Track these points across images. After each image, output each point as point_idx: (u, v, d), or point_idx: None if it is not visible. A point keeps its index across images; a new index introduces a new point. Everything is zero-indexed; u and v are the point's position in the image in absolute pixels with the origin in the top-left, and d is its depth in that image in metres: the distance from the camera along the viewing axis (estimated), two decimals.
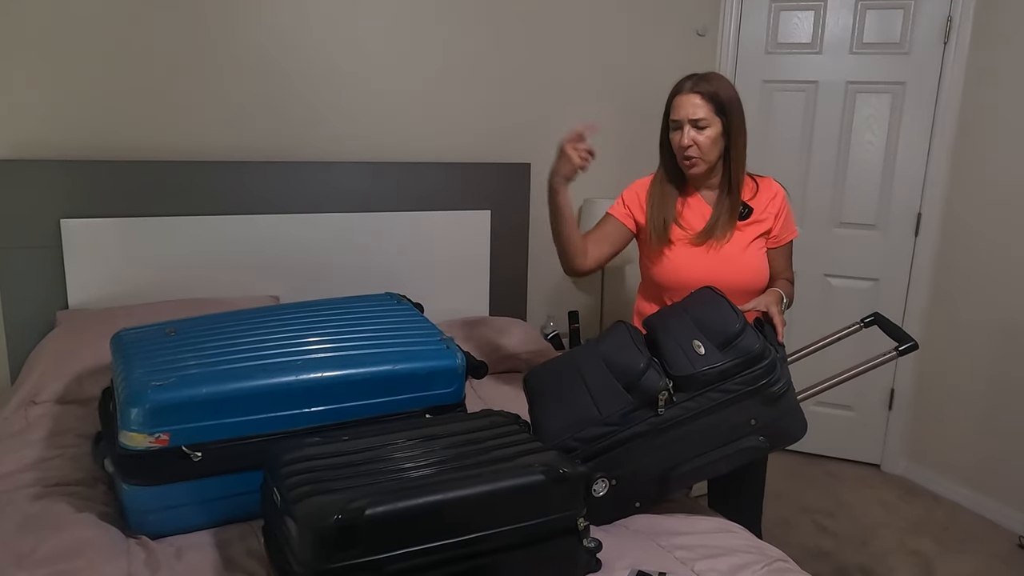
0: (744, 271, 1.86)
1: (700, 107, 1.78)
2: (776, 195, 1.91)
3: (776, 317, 1.71)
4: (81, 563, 1.30)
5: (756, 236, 1.88)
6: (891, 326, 1.85)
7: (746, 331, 1.49)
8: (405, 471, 1.27)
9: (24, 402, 1.91)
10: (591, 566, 1.36)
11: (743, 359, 1.47)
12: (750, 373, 1.47)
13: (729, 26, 3.18)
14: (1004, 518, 2.86)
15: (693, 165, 1.83)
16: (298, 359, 1.55)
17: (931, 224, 3.06)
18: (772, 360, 1.48)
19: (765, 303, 1.74)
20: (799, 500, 3.00)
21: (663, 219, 1.88)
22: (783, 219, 1.91)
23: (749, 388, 1.48)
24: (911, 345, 1.73)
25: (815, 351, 1.96)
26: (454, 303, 2.84)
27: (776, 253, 1.93)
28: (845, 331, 1.96)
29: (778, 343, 1.66)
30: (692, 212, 1.90)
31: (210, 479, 1.45)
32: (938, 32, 2.94)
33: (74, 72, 2.28)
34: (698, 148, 1.80)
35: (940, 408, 3.10)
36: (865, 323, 1.95)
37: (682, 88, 1.82)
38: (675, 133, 1.83)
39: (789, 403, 1.52)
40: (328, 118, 2.64)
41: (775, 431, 1.52)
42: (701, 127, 1.79)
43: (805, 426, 1.55)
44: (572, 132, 1.76)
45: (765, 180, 1.93)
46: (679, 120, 1.81)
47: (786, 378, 1.51)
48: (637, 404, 1.49)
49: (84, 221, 2.29)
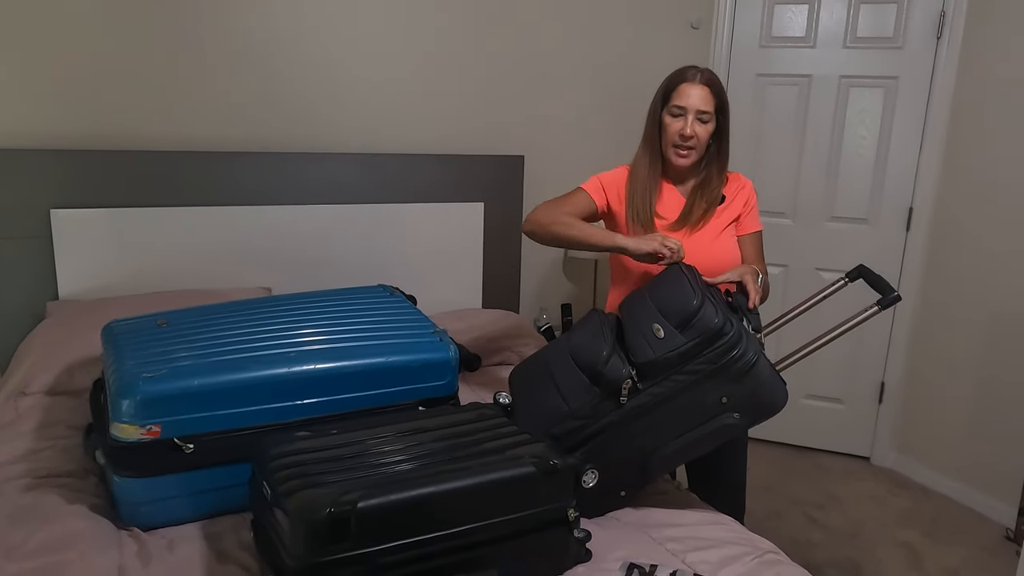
0: (719, 255, 1.85)
1: (708, 101, 1.78)
2: (744, 186, 1.93)
3: (750, 285, 1.68)
4: (72, 555, 1.29)
5: (728, 223, 1.89)
6: (875, 277, 1.80)
7: (704, 307, 1.46)
8: (395, 464, 1.27)
9: (14, 393, 1.90)
10: (582, 556, 1.37)
11: (702, 338, 1.45)
12: (712, 351, 1.45)
13: (723, 19, 3.18)
14: (992, 510, 2.88)
15: (686, 156, 1.82)
16: (291, 351, 1.54)
17: (922, 218, 3.07)
18: (734, 334, 1.45)
19: (739, 273, 1.72)
20: (789, 492, 3.02)
21: (648, 205, 1.85)
22: (751, 209, 1.92)
23: (714, 366, 1.46)
24: (893, 296, 1.67)
25: (801, 313, 1.91)
26: (447, 295, 2.84)
27: (744, 242, 1.91)
28: (830, 288, 1.91)
29: (750, 311, 1.63)
30: (666, 202, 1.89)
31: (202, 471, 1.44)
32: (931, 27, 2.95)
33: (65, 61, 2.26)
34: (697, 140, 1.80)
35: (930, 401, 3.12)
36: (850, 276, 1.90)
37: (689, 77, 1.80)
38: (676, 120, 1.81)
39: (761, 376, 1.47)
40: (321, 109, 2.63)
41: (750, 406, 1.49)
42: (704, 120, 1.79)
43: (785, 396, 1.50)
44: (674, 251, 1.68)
45: (734, 174, 1.94)
46: (684, 108, 1.79)
47: (754, 350, 1.47)
48: (604, 395, 1.49)
49: (74, 211, 2.27)
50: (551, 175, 3.05)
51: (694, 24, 3.17)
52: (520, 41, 2.89)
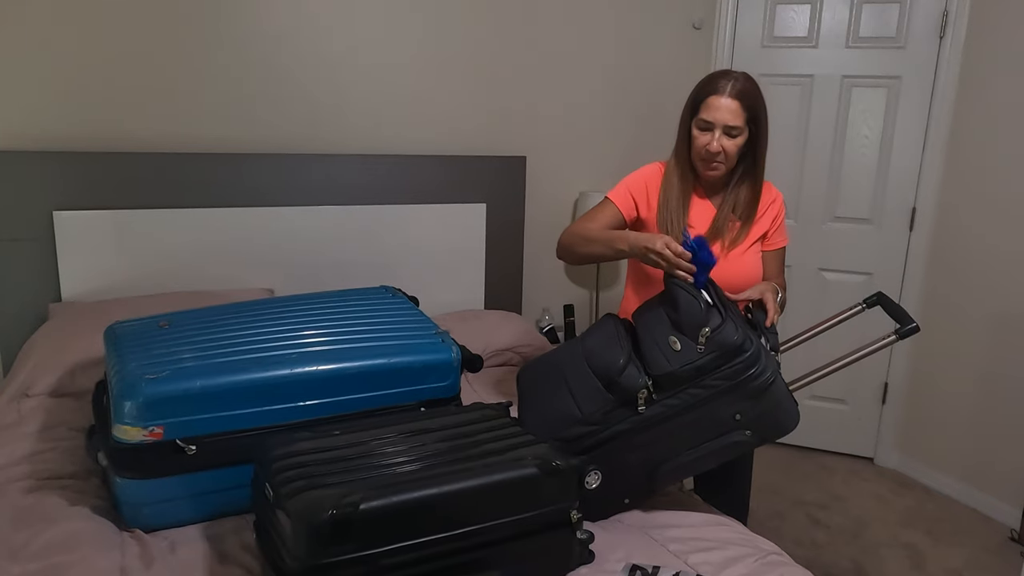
0: (743, 272, 1.83)
1: (738, 115, 1.70)
2: (775, 199, 1.88)
3: (770, 303, 1.66)
4: (75, 556, 1.29)
5: (756, 239, 1.86)
6: (894, 306, 1.76)
7: (725, 324, 1.45)
8: (397, 465, 1.27)
9: (17, 395, 1.91)
10: (584, 558, 1.37)
11: (721, 352, 1.44)
12: (731, 367, 1.44)
13: (725, 19, 3.18)
14: (996, 511, 2.87)
15: (715, 170, 1.77)
16: (293, 352, 1.54)
17: (925, 218, 3.06)
18: (754, 352, 1.44)
19: (760, 290, 1.69)
20: (793, 493, 3.01)
21: (680, 219, 1.80)
22: (779, 224, 1.89)
23: (731, 383, 1.44)
24: (912, 327, 1.63)
25: (815, 335, 1.88)
26: (449, 296, 2.83)
27: (768, 257, 1.89)
28: (846, 313, 1.87)
29: (768, 330, 1.61)
30: (695, 214, 1.85)
31: (204, 472, 1.44)
32: (934, 26, 2.94)
33: (68, 63, 2.27)
34: (725, 155, 1.74)
35: (933, 402, 3.12)
36: (868, 303, 1.86)
37: (720, 88, 1.71)
38: (704, 134, 1.74)
39: (776, 395, 1.47)
40: (324, 110, 2.63)
41: (762, 424, 1.48)
42: (733, 136, 1.72)
43: (797, 418, 1.49)
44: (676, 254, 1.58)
45: (765, 183, 1.88)
46: (711, 123, 1.72)
47: (772, 369, 1.46)
48: (618, 403, 1.48)
49: (77, 213, 2.27)
50: (553, 176, 3.05)
51: (696, 24, 3.17)
52: (523, 42, 2.89)
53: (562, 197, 3.10)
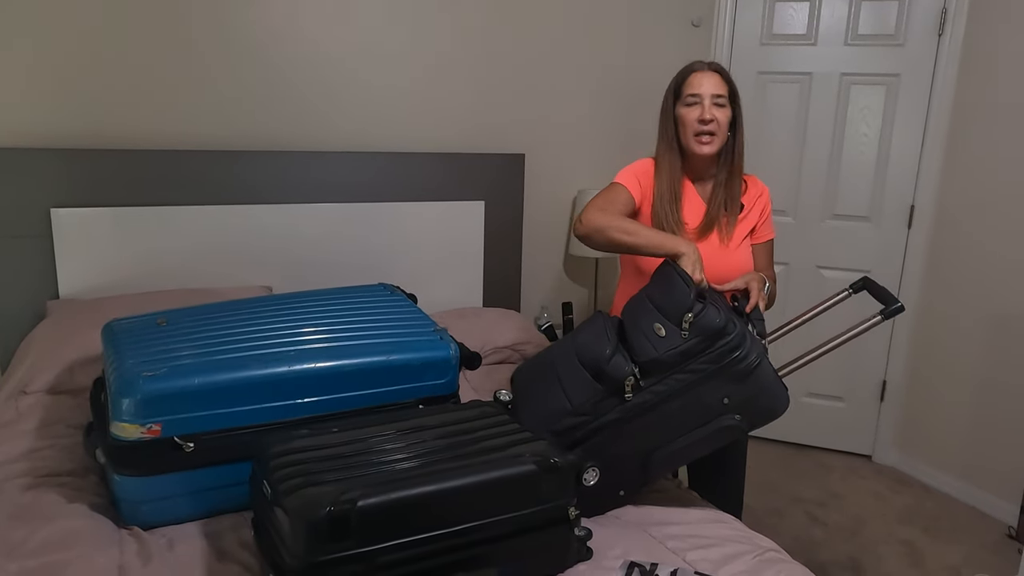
0: (735, 265, 1.85)
1: (721, 86, 1.79)
2: (762, 193, 1.92)
3: (754, 290, 1.69)
4: (73, 554, 1.29)
5: (745, 233, 1.89)
6: (879, 289, 1.80)
7: (706, 308, 1.47)
8: (395, 462, 1.27)
9: (15, 392, 1.90)
10: (582, 555, 1.37)
11: (704, 336, 1.45)
12: (715, 351, 1.45)
13: (724, 17, 3.17)
14: (994, 508, 2.88)
15: (709, 143, 1.79)
16: (291, 350, 1.54)
17: (924, 216, 3.06)
18: (737, 335, 1.46)
19: (745, 280, 1.72)
20: (791, 490, 3.01)
21: (675, 210, 1.82)
22: (767, 218, 1.92)
23: (716, 366, 1.46)
24: (897, 307, 1.67)
25: (804, 322, 1.91)
26: (447, 294, 2.83)
27: (757, 251, 1.92)
28: (834, 299, 1.90)
29: (755, 316, 1.64)
30: (688, 207, 1.88)
31: (202, 470, 1.44)
32: (933, 24, 2.94)
33: (65, 60, 2.26)
34: (717, 124, 1.78)
35: (931, 399, 3.12)
36: (855, 288, 1.90)
37: (698, 67, 1.81)
38: (692, 108, 1.79)
39: (763, 379, 1.48)
40: (322, 108, 2.62)
41: (751, 408, 1.49)
42: (720, 104, 1.78)
43: (786, 401, 1.50)
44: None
45: (751, 177, 1.93)
46: (698, 95, 1.78)
47: (757, 352, 1.47)
48: (607, 392, 1.49)
49: (75, 210, 2.27)
50: (552, 173, 3.05)
51: (695, 22, 3.16)
52: (521, 39, 2.88)
53: (561, 194, 3.10)
